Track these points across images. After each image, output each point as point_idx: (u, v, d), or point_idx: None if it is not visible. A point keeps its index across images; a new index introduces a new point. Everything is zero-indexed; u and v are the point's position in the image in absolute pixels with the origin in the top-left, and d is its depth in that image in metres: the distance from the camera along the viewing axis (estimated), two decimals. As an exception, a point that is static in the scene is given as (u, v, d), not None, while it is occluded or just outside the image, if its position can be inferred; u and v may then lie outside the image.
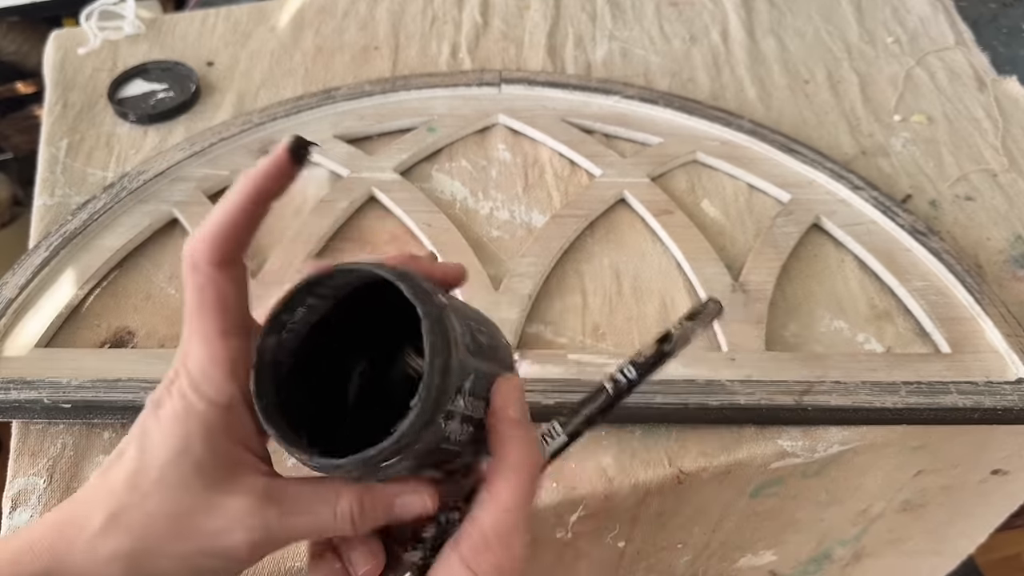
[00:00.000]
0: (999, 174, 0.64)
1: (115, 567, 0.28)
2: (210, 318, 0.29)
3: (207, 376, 0.29)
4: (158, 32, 0.75)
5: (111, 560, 0.28)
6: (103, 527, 0.28)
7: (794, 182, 0.61)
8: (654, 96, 0.67)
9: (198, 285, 0.29)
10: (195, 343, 0.29)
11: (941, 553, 0.75)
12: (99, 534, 0.28)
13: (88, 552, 0.28)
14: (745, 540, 0.58)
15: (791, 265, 0.56)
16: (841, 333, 0.53)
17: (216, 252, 0.28)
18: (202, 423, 0.28)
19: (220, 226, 0.28)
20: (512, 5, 0.79)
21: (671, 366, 0.49)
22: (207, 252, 0.28)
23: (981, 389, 0.48)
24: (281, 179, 0.28)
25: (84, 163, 0.63)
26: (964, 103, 0.70)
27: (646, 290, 0.55)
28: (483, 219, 0.59)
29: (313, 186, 0.60)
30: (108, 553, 0.28)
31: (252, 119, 0.64)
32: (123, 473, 0.28)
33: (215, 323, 0.29)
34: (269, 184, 0.28)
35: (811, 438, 0.48)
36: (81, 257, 0.55)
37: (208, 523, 0.28)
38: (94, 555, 0.28)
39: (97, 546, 0.28)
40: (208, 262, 0.28)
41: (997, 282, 0.56)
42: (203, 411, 0.28)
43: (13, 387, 0.47)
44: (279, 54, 0.73)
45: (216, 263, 0.29)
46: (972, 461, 0.58)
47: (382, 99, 0.67)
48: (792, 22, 0.78)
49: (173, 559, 0.28)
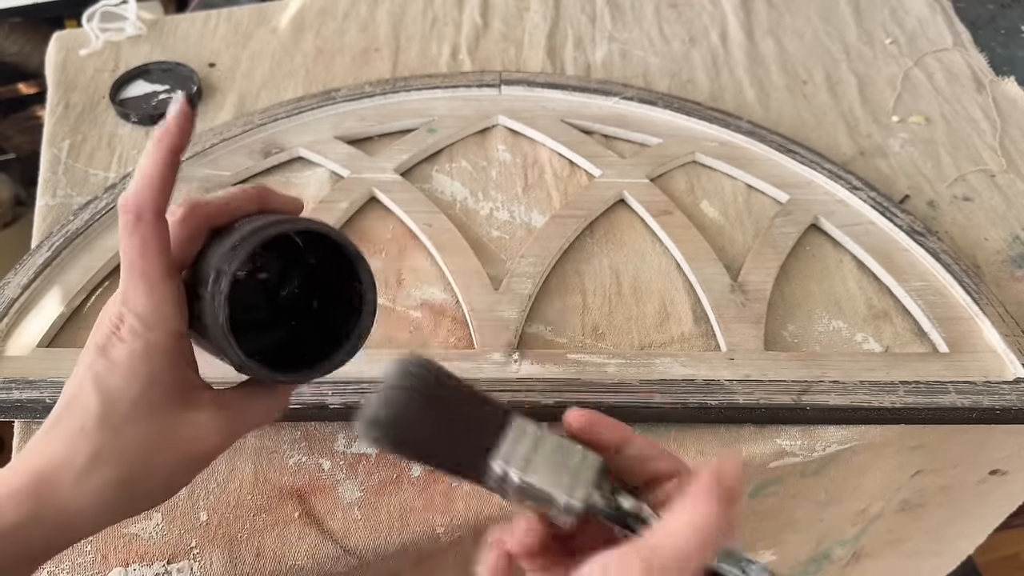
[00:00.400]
0: (997, 175, 0.64)
1: (107, 494, 0.32)
2: (155, 262, 0.32)
3: (159, 314, 0.32)
4: (160, 33, 0.75)
5: (102, 489, 0.32)
6: (88, 465, 0.31)
7: (793, 183, 0.61)
8: (653, 97, 0.67)
9: (143, 233, 0.32)
10: (140, 286, 0.32)
11: (940, 553, 0.75)
12: (85, 471, 0.31)
13: (77, 487, 0.31)
14: (744, 539, 0.58)
15: (790, 265, 0.56)
16: (839, 333, 0.53)
17: (159, 201, 0.32)
18: (165, 355, 0.33)
19: (157, 179, 0.32)
20: (512, 6, 0.79)
21: (672, 367, 0.49)
22: (153, 202, 0.32)
23: (979, 389, 0.49)
24: (189, 130, 0.33)
25: (86, 164, 0.64)
26: (962, 104, 0.70)
27: (646, 290, 0.55)
28: (483, 219, 0.59)
29: (314, 186, 0.60)
30: (98, 484, 0.32)
31: (253, 120, 0.64)
32: (89, 417, 0.32)
33: (160, 266, 0.32)
34: (183, 136, 0.33)
35: (810, 437, 0.48)
36: (83, 257, 0.55)
37: (182, 436, 0.33)
38: (84, 488, 0.31)
39: (85, 483, 0.31)
40: (153, 212, 0.32)
41: (995, 282, 0.56)
42: (164, 345, 0.32)
43: (15, 387, 0.47)
44: (280, 55, 0.73)
45: (159, 212, 0.32)
46: (971, 461, 0.58)
47: (382, 100, 0.67)
48: (791, 23, 0.79)
49: (157, 475, 0.33)
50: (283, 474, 0.46)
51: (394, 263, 0.56)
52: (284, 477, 0.45)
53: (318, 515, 0.44)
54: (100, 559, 0.42)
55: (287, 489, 0.45)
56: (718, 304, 0.53)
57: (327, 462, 0.46)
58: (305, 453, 0.46)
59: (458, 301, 0.53)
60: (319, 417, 0.47)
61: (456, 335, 0.52)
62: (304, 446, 0.47)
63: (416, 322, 0.53)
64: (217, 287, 0.32)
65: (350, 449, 0.47)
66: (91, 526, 0.33)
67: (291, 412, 0.46)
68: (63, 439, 0.32)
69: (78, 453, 0.31)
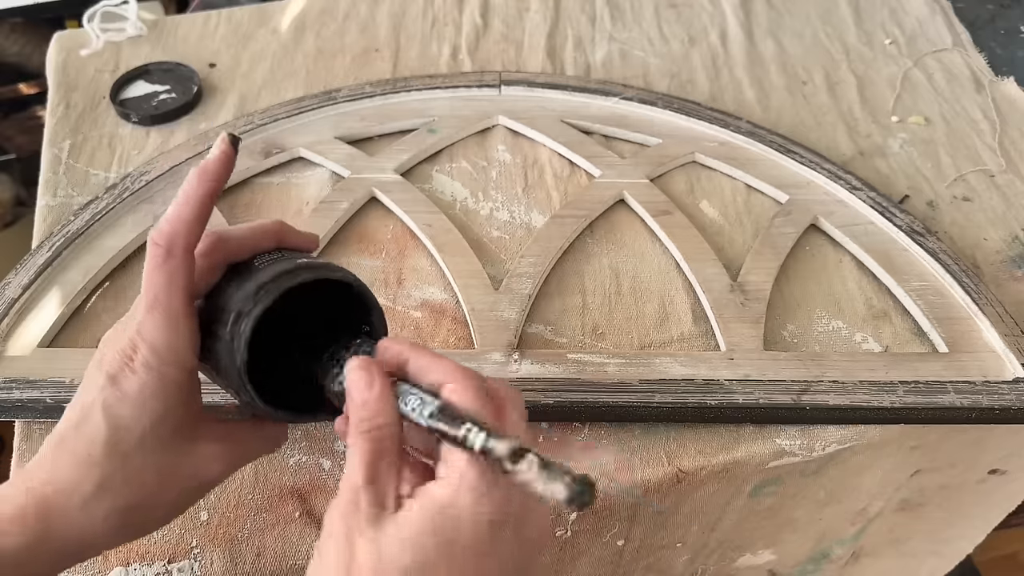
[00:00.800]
0: (996, 175, 0.64)
1: (111, 522, 0.32)
2: (178, 298, 0.32)
3: (174, 349, 0.32)
4: (160, 34, 0.76)
5: (108, 515, 0.32)
6: (95, 492, 0.32)
7: (792, 183, 0.61)
8: (653, 97, 0.67)
9: (171, 269, 0.32)
10: (159, 320, 0.32)
11: (939, 553, 0.75)
12: (92, 498, 0.32)
13: (83, 513, 0.32)
14: (744, 539, 0.58)
15: (789, 265, 0.57)
16: (839, 333, 0.53)
17: (191, 239, 0.32)
18: (178, 390, 0.33)
19: (192, 219, 0.32)
20: (512, 7, 0.79)
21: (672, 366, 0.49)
22: (185, 239, 0.32)
23: (979, 389, 0.49)
24: (228, 174, 0.33)
25: (87, 164, 0.64)
26: (962, 104, 0.70)
27: (645, 290, 0.55)
28: (483, 219, 0.59)
29: (314, 187, 0.60)
30: (104, 512, 0.32)
31: (254, 120, 0.64)
32: (97, 446, 0.32)
33: (182, 302, 0.33)
34: (222, 180, 0.33)
35: (809, 437, 0.48)
36: (84, 257, 0.55)
37: (188, 467, 0.34)
38: (90, 514, 0.32)
39: (92, 509, 0.32)
40: (184, 248, 0.32)
41: (994, 282, 0.56)
42: (177, 380, 0.33)
43: (16, 387, 0.47)
44: (280, 56, 0.73)
45: (190, 250, 0.33)
46: (970, 461, 0.58)
47: (383, 100, 0.67)
48: (790, 24, 0.79)
49: (162, 503, 0.34)
50: (284, 473, 0.46)
51: (394, 263, 0.56)
52: (285, 477, 0.46)
53: (319, 514, 0.44)
54: (101, 558, 0.42)
55: (288, 488, 0.45)
56: (718, 304, 0.53)
57: (328, 461, 0.46)
58: (305, 452, 0.47)
59: (458, 301, 0.53)
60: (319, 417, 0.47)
61: (456, 335, 0.52)
62: (304, 445, 0.47)
63: (416, 322, 0.53)
64: (237, 328, 0.33)
65: (350, 449, 0.47)
66: (96, 549, 0.34)
67: (291, 412, 0.46)
68: (70, 464, 0.32)
69: (85, 480, 0.32)
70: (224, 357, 0.34)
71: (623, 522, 0.49)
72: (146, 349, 0.32)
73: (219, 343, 0.34)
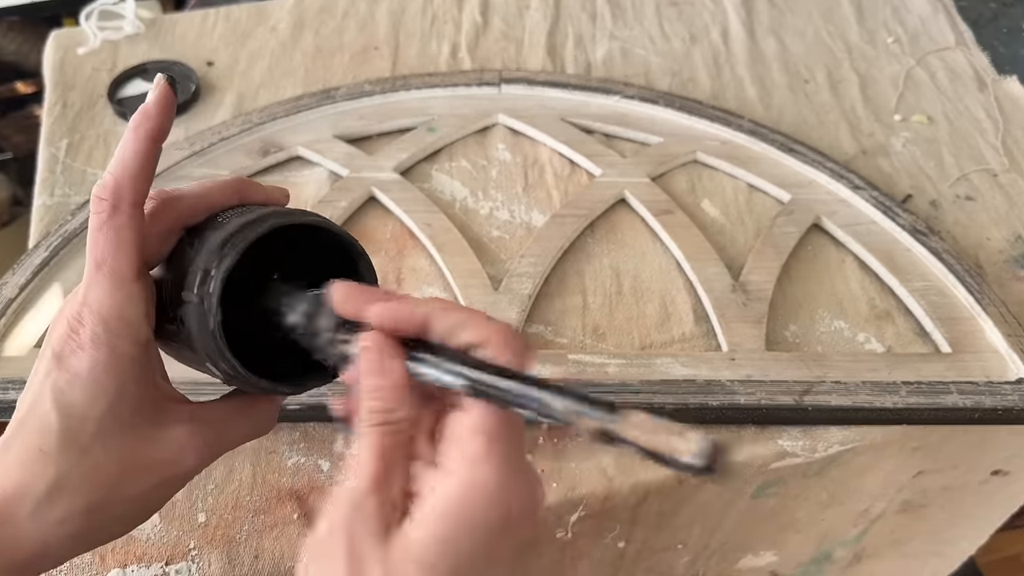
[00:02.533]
0: (999, 174, 0.64)
1: (68, 527, 0.28)
2: (127, 258, 0.29)
3: (125, 318, 0.28)
4: (158, 32, 0.75)
5: (63, 521, 0.28)
6: (48, 494, 0.28)
7: (794, 182, 0.61)
8: (654, 96, 0.67)
9: (117, 225, 0.28)
10: (106, 285, 0.28)
11: (942, 554, 0.75)
12: (45, 501, 0.28)
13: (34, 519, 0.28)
14: (745, 540, 0.58)
15: (791, 265, 0.56)
16: (841, 333, 0.53)
17: (138, 192, 0.29)
18: (134, 365, 0.29)
19: (136, 168, 0.29)
20: (512, 5, 0.79)
21: (673, 367, 0.49)
22: (132, 192, 0.28)
23: (981, 389, 0.48)
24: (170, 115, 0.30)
25: (84, 163, 0.63)
26: (964, 103, 0.70)
27: (646, 290, 0.55)
28: (483, 219, 0.59)
29: (313, 186, 0.60)
30: (59, 516, 0.28)
31: (252, 119, 0.64)
32: (49, 438, 0.28)
33: (132, 263, 0.29)
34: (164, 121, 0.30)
35: (811, 438, 0.48)
36: (81, 257, 0.55)
37: (156, 456, 0.30)
38: (43, 522, 0.28)
39: (45, 513, 0.28)
40: (131, 203, 0.28)
41: (997, 282, 0.56)
42: (131, 354, 0.29)
43: (12, 387, 0.47)
44: (279, 54, 0.73)
45: (138, 204, 0.29)
46: (973, 461, 0.58)
47: (382, 99, 0.67)
48: (792, 22, 0.78)
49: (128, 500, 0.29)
50: (282, 475, 0.45)
51: (394, 263, 0.56)
52: (283, 478, 0.45)
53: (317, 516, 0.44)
54: (98, 560, 0.42)
55: (286, 490, 0.45)
56: (719, 304, 0.53)
57: (326, 463, 0.46)
58: (304, 454, 0.46)
59: (458, 301, 0.53)
60: (318, 418, 0.47)
61: (456, 335, 0.52)
62: (303, 447, 0.46)
63: (416, 322, 0.52)
64: (206, 288, 0.29)
65: (349, 450, 0.47)
66: (52, 561, 0.29)
67: (290, 413, 0.46)
68: (18, 463, 0.28)
69: (36, 479, 0.27)
70: (195, 324, 0.29)
71: (624, 524, 0.49)
72: (93, 320, 0.28)
73: (187, 309, 0.29)
